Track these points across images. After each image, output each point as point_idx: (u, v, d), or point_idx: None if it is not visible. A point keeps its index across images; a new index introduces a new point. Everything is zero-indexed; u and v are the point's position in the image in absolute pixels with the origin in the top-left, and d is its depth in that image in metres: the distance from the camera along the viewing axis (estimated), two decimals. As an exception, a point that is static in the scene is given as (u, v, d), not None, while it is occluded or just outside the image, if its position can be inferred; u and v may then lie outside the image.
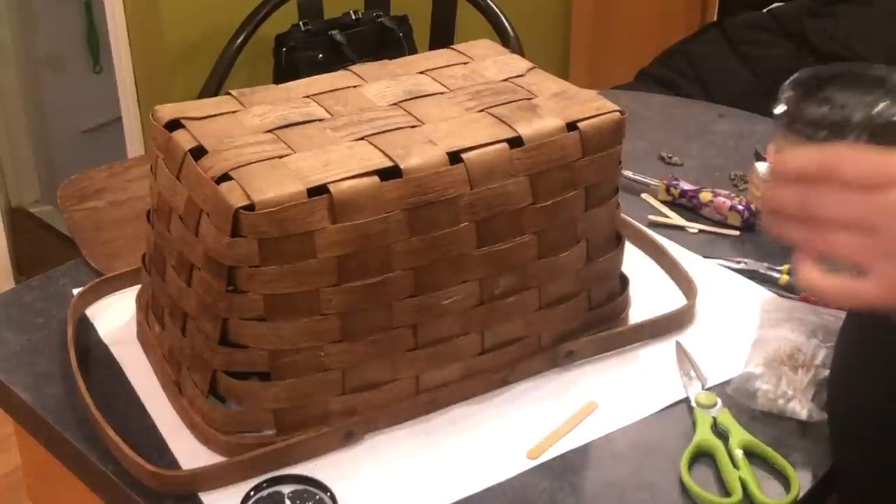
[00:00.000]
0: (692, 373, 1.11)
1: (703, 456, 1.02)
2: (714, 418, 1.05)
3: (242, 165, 0.94)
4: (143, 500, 0.96)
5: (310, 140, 0.99)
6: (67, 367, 1.09)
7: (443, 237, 0.98)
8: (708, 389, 1.09)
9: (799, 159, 0.64)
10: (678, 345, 1.15)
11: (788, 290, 1.25)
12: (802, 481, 0.98)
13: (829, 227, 0.64)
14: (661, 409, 1.08)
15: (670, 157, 1.55)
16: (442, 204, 0.97)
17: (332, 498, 0.92)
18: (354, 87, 1.10)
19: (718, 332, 1.18)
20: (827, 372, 1.08)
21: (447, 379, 1.06)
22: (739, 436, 1.02)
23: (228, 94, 1.08)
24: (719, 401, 1.07)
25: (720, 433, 1.03)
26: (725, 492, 0.98)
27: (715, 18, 2.91)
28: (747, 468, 0.99)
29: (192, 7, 2.23)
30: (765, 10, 2.28)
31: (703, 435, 1.03)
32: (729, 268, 1.30)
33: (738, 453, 1.01)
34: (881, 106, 0.73)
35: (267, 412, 0.99)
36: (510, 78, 1.12)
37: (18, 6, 2.68)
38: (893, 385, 0.87)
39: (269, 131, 1.00)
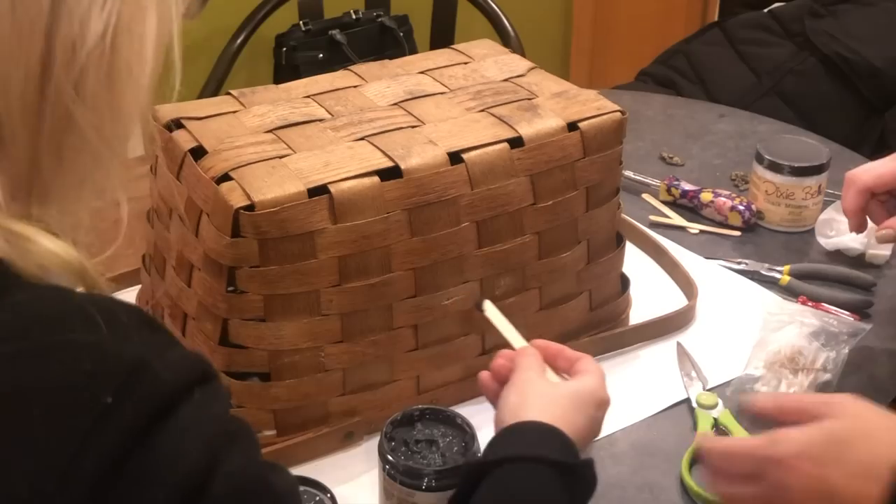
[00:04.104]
0: (693, 373, 1.11)
1: (703, 457, 1.02)
2: (715, 419, 1.05)
3: (242, 165, 0.94)
4: (143, 500, 0.96)
5: (310, 140, 0.99)
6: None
7: (443, 237, 0.98)
8: (709, 390, 1.09)
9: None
10: (679, 345, 1.15)
11: (789, 291, 1.25)
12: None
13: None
14: (662, 410, 1.08)
15: (671, 158, 1.55)
16: (442, 204, 0.97)
17: (332, 499, 0.92)
18: (354, 86, 1.10)
19: (719, 333, 1.18)
20: (828, 376, 1.08)
21: (448, 379, 1.05)
22: (741, 436, 1.02)
23: (228, 94, 1.08)
24: (720, 401, 1.06)
25: (721, 433, 1.03)
26: (726, 493, 0.98)
27: (715, 18, 2.90)
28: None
29: (193, 7, 2.22)
30: (765, 10, 2.28)
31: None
32: (730, 268, 1.30)
33: (739, 454, 1.00)
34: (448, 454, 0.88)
35: (267, 412, 0.99)
36: (511, 78, 1.12)
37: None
38: None
39: (270, 131, 1.00)
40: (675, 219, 1.40)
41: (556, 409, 0.82)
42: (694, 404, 1.07)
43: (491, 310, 0.99)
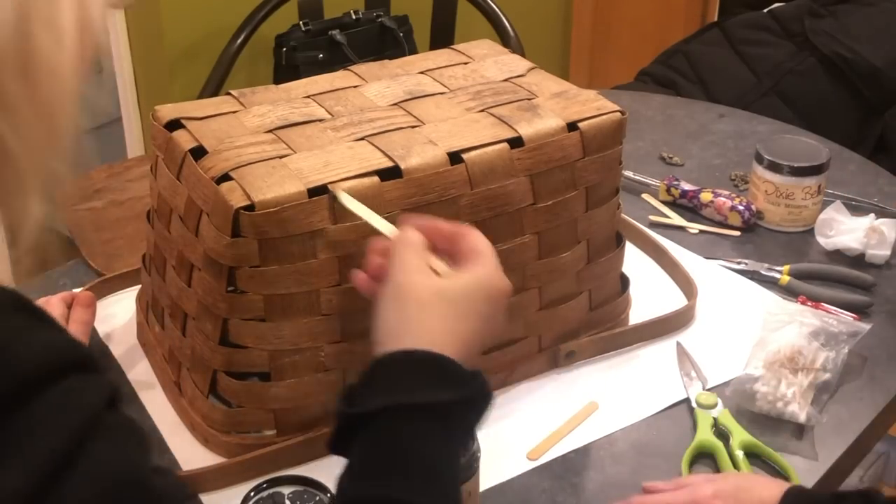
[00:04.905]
0: (693, 373, 1.11)
1: (703, 456, 1.02)
2: (715, 419, 1.05)
3: (243, 165, 0.94)
4: (143, 500, 0.96)
5: (310, 140, 0.99)
6: (67, 368, 1.09)
7: (443, 237, 0.98)
8: (708, 390, 1.09)
9: None
10: (679, 345, 1.15)
11: (789, 291, 1.25)
12: (803, 483, 0.98)
13: None
14: (662, 410, 1.08)
15: (671, 158, 1.55)
16: (442, 204, 0.97)
17: (332, 499, 0.92)
18: (354, 87, 1.10)
19: (719, 333, 1.18)
20: (827, 375, 1.08)
21: (447, 379, 1.05)
22: (740, 436, 1.02)
23: (228, 94, 1.08)
24: (720, 401, 1.06)
25: (721, 433, 1.03)
26: (726, 492, 0.98)
27: (715, 18, 2.90)
28: (748, 469, 0.99)
29: (192, 7, 2.22)
30: (765, 10, 2.28)
31: (704, 435, 1.03)
32: (729, 268, 1.30)
33: (739, 454, 1.01)
34: None
35: (267, 412, 0.99)
36: (510, 78, 1.12)
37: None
38: None
39: (270, 131, 1.00)
40: (675, 219, 1.40)
41: (438, 321, 0.74)
42: (693, 404, 1.07)
43: (347, 198, 0.89)
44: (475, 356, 0.76)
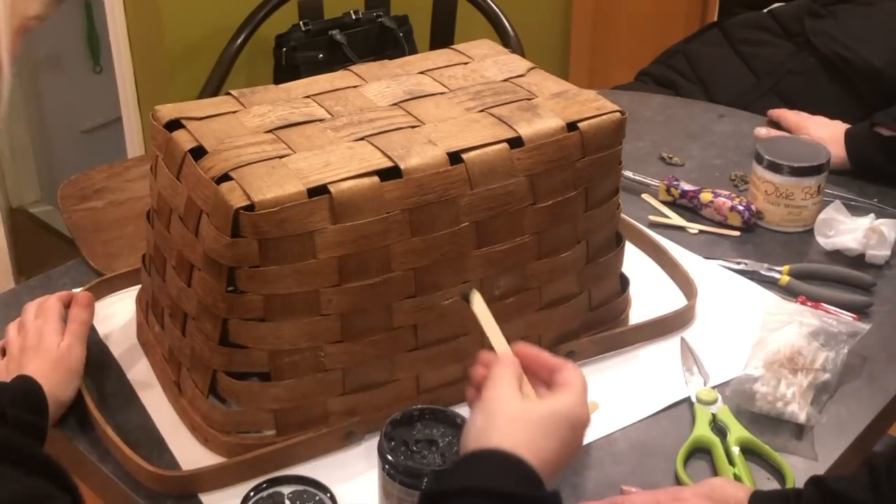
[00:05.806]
0: (695, 369, 1.11)
1: (700, 452, 1.02)
2: (713, 415, 1.05)
3: (242, 166, 0.94)
4: (143, 500, 0.96)
5: (310, 140, 0.99)
6: (67, 368, 1.09)
7: (443, 237, 0.98)
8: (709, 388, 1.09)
9: None
10: (683, 340, 1.16)
11: (788, 291, 1.25)
12: (799, 480, 0.98)
13: None
14: (662, 410, 1.08)
15: (670, 158, 1.55)
16: (442, 204, 0.97)
17: (332, 498, 0.92)
18: (354, 87, 1.10)
19: (719, 333, 1.18)
20: (827, 376, 1.08)
21: (447, 379, 1.05)
22: (738, 433, 1.02)
23: (228, 94, 1.08)
24: (720, 397, 1.07)
25: (719, 429, 1.03)
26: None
27: (715, 18, 2.90)
28: (743, 465, 0.99)
29: (192, 7, 2.22)
30: (765, 11, 2.27)
31: (701, 431, 1.03)
32: (729, 268, 1.30)
33: (735, 450, 1.01)
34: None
35: (267, 412, 0.99)
36: (510, 78, 1.12)
37: (18, 6, 2.68)
38: None
39: (269, 131, 1.00)
40: (675, 219, 1.40)
41: (522, 435, 0.79)
42: (693, 399, 1.07)
43: (478, 304, 0.96)
44: (552, 477, 0.80)
